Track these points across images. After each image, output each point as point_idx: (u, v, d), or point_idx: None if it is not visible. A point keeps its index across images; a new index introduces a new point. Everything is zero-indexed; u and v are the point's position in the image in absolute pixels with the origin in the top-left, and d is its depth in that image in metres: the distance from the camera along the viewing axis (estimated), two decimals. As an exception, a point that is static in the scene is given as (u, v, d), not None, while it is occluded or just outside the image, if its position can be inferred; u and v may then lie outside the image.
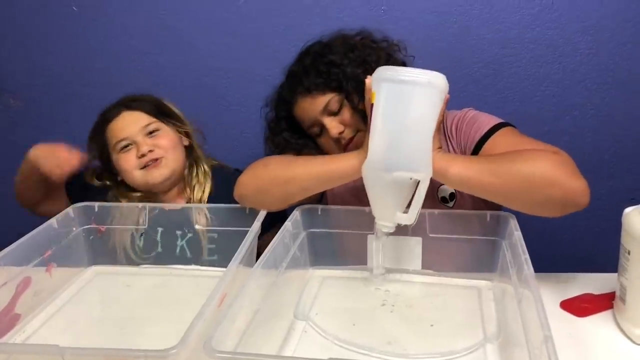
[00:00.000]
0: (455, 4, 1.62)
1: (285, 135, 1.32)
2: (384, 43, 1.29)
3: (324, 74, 1.23)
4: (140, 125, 1.36)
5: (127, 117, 1.37)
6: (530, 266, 0.88)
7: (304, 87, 1.25)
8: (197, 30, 1.73)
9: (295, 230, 1.14)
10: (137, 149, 1.35)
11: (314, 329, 1.00)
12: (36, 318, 1.07)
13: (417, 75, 0.96)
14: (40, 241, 1.12)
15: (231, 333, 0.80)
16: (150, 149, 1.35)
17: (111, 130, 1.37)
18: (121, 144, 1.35)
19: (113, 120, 1.37)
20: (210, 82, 1.76)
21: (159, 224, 1.29)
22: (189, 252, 1.29)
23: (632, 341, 0.93)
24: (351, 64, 1.22)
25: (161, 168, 1.36)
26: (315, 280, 1.17)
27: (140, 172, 1.35)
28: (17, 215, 1.76)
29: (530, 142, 1.10)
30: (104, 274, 1.25)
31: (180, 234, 1.30)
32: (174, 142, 1.40)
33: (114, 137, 1.36)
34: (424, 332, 0.98)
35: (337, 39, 1.29)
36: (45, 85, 1.84)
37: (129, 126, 1.36)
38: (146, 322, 1.06)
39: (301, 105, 1.26)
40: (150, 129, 1.37)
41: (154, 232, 1.30)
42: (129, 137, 1.35)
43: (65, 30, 1.77)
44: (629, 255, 0.92)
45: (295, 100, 1.27)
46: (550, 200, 0.99)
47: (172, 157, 1.38)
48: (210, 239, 1.29)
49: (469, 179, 1.01)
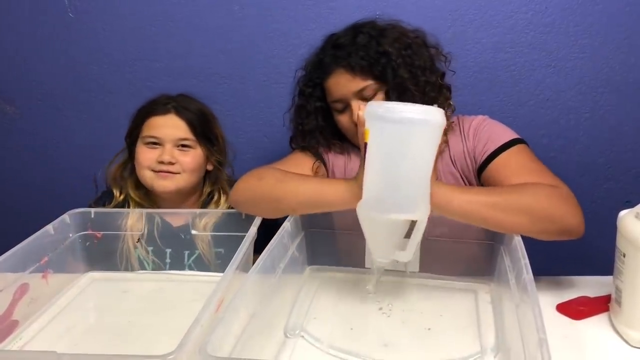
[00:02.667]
0: (449, 9, 1.63)
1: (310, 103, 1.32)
2: (433, 49, 1.29)
3: (373, 60, 1.22)
4: (177, 135, 1.36)
5: (170, 120, 1.37)
6: (529, 271, 0.88)
7: (348, 63, 1.23)
8: (192, 36, 1.73)
9: (294, 230, 1.14)
10: (161, 152, 1.35)
11: (310, 333, 0.99)
12: (33, 324, 1.07)
13: (412, 113, 0.91)
14: (37, 248, 1.12)
15: (227, 338, 0.80)
16: (172, 162, 1.35)
17: (150, 122, 1.37)
18: (150, 139, 1.36)
19: (157, 115, 1.37)
20: (205, 88, 1.76)
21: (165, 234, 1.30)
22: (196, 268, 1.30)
23: (628, 343, 0.93)
24: (403, 63, 1.22)
25: (169, 181, 1.36)
26: (313, 282, 1.18)
27: (151, 173, 1.36)
28: (13, 222, 1.76)
29: (536, 170, 1.15)
30: (100, 280, 1.25)
31: (188, 253, 1.30)
32: (197, 165, 1.40)
33: (148, 130, 1.37)
34: (421, 336, 0.98)
35: (394, 29, 1.28)
36: (42, 92, 1.84)
37: (166, 129, 1.36)
38: (143, 328, 1.06)
39: (337, 78, 1.25)
40: (184, 143, 1.37)
41: (163, 254, 1.30)
42: (161, 138, 1.36)
43: (61, 36, 1.77)
44: (624, 258, 0.92)
45: (333, 71, 1.26)
46: (547, 232, 1.04)
47: (186, 177, 1.38)
48: (217, 254, 1.30)
49: (471, 213, 1.01)
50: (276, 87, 1.74)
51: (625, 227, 0.92)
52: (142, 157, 1.36)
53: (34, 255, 1.11)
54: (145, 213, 1.29)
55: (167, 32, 1.74)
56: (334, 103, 1.28)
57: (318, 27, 1.67)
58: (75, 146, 1.86)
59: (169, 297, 1.18)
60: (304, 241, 1.18)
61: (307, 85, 1.32)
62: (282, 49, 1.71)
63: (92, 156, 1.47)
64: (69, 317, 1.10)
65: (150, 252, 1.30)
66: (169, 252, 1.30)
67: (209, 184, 1.46)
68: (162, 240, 1.29)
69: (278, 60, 1.73)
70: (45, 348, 0.98)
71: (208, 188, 1.46)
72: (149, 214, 1.30)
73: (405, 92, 1.22)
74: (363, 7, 1.65)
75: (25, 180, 1.93)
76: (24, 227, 1.15)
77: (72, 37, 1.77)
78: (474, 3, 1.63)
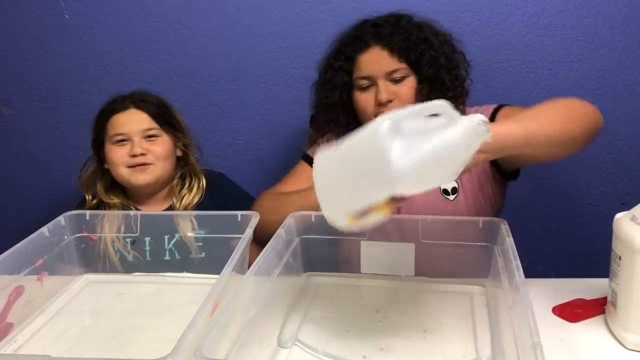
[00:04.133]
0: (446, 11, 1.63)
1: (338, 77, 1.31)
2: (460, 55, 1.32)
3: (414, 44, 1.24)
4: (142, 127, 1.39)
5: (132, 114, 1.40)
6: (521, 273, 0.88)
7: (388, 42, 1.24)
8: (189, 38, 1.74)
9: (288, 237, 1.14)
10: (131, 147, 1.38)
11: (306, 337, 0.99)
12: (28, 327, 1.06)
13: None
14: (32, 250, 1.11)
15: (223, 341, 0.80)
16: (143, 152, 1.38)
17: (113, 121, 1.40)
18: (118, 137, 1.39)
19: (118, 113, 1.40)
20: (202, 90, 1.77)
21: (148, 231, 1.29)
22: (177, 253, 1.30)
23: (624, 346, 0.93)
24: (442, 54, 1.26)
25: (147, 174, 1.40)
26: (309, 287, 1.17)
27: (127, 170, 1.39)
28: (7, 224, 1.76)
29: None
30: (96, 283, 1.25)
31: (168, 237, 1.31)
32: (168, 152, 1.43)
33: (113, 129, 1.39)
34: (417, 339, 0.98)
35: (430, 26, 1.31)
36: (38, 93, 1.84)
37: (130, 124, 1.39)
38: (139, 331, 1.05)
39: (373, 55, 1.26)
40: (150, 133, 1.40)
41: (142, 243, 1.30)
42: (127, 133, 1.39)
43: (57, 38, 1.77)
44: (620, 260, 0.92)
45: (370, 46, 1.26)
46: (594, 129, 1.04)
47: (160, 165, 1.41)
48: (197, 237, 1.29)
49: (537, 134, 0.93)
50: (273, 89, 1.74)
51: (620, 229, 0.92)
52: (114, 156, 1.39)
53: (29, 258, 1.10)
54: (124, 215, 1.29)
55: (163, 34, 1.74)
56: (360, 79, 1.28)
57: (314, 29, 1.68)
58: (71, 148, 1.86)
59: (165, 300, 1.18)
60: (298, 248, 1.18)
61: (337, 59, 1.32)
62: (279, 50, 1.72)
63: (87, 158, 1.47)
64: (65, 320, 1.10)
65: (128, 244, 1.30)
66: (148, 240, 1.30)
67: (179, 168, 1.49)
68: (142, 230, 1.29)
69: (274, 62, 1.73)
70: (40, 351, 0.98)
71: (179, 172, 1.49)
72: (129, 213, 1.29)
73: (436, 82, 1.24)
74: (359, 9, 1.65)
75: (21, 182, 1.93)
76: (19, 229, 1.15)
77: (67, 39, 1.78)
78: (470, 5, 1.63)
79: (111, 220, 1.28)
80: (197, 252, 1.30)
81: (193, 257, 1.29)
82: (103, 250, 1.29)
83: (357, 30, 1.31)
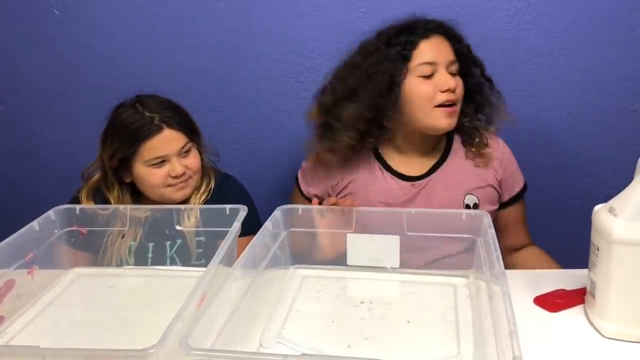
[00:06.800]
0: (432, 6, 1.63)
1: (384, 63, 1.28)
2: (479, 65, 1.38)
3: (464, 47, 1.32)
4: (179, 146, 1.37)
5: (167, 136, 1.35)
6: (501, 263, 0.90)
7: (452, 35, 1.29)
8: (178, 33, 1.74)
9: (275, 230, 1.16)
10: (170, 167, 1.36)
11: (292, 328, 1.01)
12: (19, 320, 1.08)
13: None
14: (22, 244, 1.12)
15: (209, 332, 0.82)
16: (184, 171, 1.37)
17: (149, 145, 1.34)
18: (156, 160, 1.35)
19: (153, 137, 1.34)
20: (192, 84, 1.77)
21: (149, 228, 1.30)
22: (178, 261, 1.32)
23: (601, 334, 0.95)
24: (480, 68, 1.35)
25: (186, 188, 1.39)
26: (296, 279, 1.19)
27: (168, 189, 1.37)
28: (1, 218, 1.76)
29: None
30: (86, 276, 1.26)
31: (170, 244, 1.32)
32: (199, 162, 1.42)
33: (150, 153, 1.34)
34: (401, 330, 1.00)
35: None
36: (29, 89, 1.84)
37: (168, 146, 1.35)
38: (129, 323, 1.07)
39: (436, 42, 1.29)
40: (185, 149, 1.38)
41: (145, 250, 1.32)
42: (166, 155, 1.36)
43: (48, 34, 1.78)
44: (598, 251, 0.95)
45: (432, 35, 1.29)
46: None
47: (197, 177, 1.41)
48: (198, 243, 1.32)
49: None
50: (263, 83, 1.75)
51: (598, 221, 0.95)
52: (154, 179, 1.36)
53: (19, 252, 1.11)
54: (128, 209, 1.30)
55: (154, 29, 1.75)
56: (423, 65, 1.27)
57: (303, 24, 1.69)
58: (62, 143, 1.87)
59: (154, 292, 1.20)
60: (286, 241, 1.20)
61: (391, 44, 1.29)
62: (267, 45, 1.73)
63: (79, 153, 1.47)
64: (55, 313, 1.11)
65: (132, 247, 1.32)
66: (152, 246, 1.32)
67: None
68: (147, 234, 1.31)
69: (263, 57, 1.74)
70: (31, 343, 0.99)
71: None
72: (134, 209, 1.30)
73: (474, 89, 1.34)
74: (347, 4, 1.66)
75: (12, 177, 1.94)
76: (9, 223, 1.16)
77: (58, 35, 1.78)
78: (456, 0, 1.64)
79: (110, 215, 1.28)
80: (197, 258, 1.31)
81: (194, 263, 1.30)
82: (105, 245, 1.30)
83: (410, 23, 1.32)
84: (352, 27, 1.65)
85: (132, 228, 1.30)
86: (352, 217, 1.16)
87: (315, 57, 1.71)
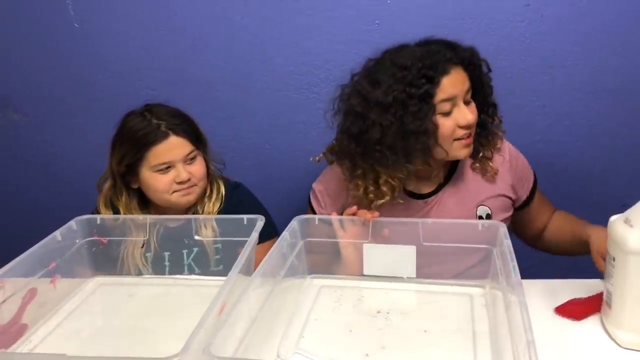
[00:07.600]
0: (446, 17, 1.66)
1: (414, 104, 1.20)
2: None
3: (477, 69, 1.27)
4: (184, 152, 1.39)
5: (173, 142, 1.38)
6: (517, 273, 0.91)
7: (461, 62, 1.22)
8: (195, 45, 1.77)
9: (292, 240, 1.17)
10: (175, 173, 1.38)
11: (310, 337, 1.03)
12: (42, 328, 1.10)
13: None
14: (45, 253, 1.15)
15: (230, 339, 0.83)
16: (189, 177, 1.39)
17: (155, 151, 1.37)
18: (162, 166, 1.38)
19: (159, 143, 1.37)
20: (208, 95, 1.80)
21: (164, 238, 1.33)
22: (196, 268, 1.34)
23: (618, 344, 0.96)
24: (490, 88, 1.32)
25: (191, 195, 1.41)
26: (313, 289, 1.21)
27: (173, 195, 1.39)
28: (21, 228, 1.79)
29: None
30: (107, 285, 1.28)
31: (187, 252, 1.34)
32: (205, 169, 1.44)
33: (156, 159, 1.37)
34: (418, 339, 1.01)
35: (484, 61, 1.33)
36: (49, 100, 1.88)
37: (173, 152, 1.38)
38: (149, 331, 1.09)
39: (455, 75, 1.21)
40: (191, 156, 1.40)
41: (162, 258, 1.34)
42: (171, 161, 1.38)
43: (67, 46, 1.81)
44: (614, 261, 0.95)
45: (451, 68, 1.21)
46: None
47: (202, 184, 1.43)
48: (216, 250, 1.34)
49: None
50: (277, 95, 1.77)
51: (614, 231, 0.95)
52: (159, 184, 1.38)
53: (42, 261, 1.14)
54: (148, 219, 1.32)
55: (170, 41, 1.77)
56: (444, 103, 1.21)
57: (318, 36, 1.71)
58: (82, 153, 1.90)
59: (173, 301, 1.22)
60: (303, 250, 1.21)
61: (416, 85, 1.19)
62: (282, 57, 1.75)
63: (98, 163, 1.50)
64: (77, 321, 1.13)
65: (149, 257, 1.34)
66: (168, 255, 1.34)
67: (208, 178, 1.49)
68: (161, 244, 1.33)
69: (279, 68, 1.76)
70: (54, 351, 1.02)
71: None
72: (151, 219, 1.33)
73: (486, 109, 1.32)
74: (361, 16, 1.68)
75: (33, 187, 1.97)
76: (32, 233, 1.18)
77: (78, 47, 1.81)
78: (471, 12, 1.65)
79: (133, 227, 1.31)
80: (215, 264, 1.33)
81: (212, 270, 1.32)
82: (122, 255, 1.33)
83: (431, 51, 1.23)
84: (367, 39, 1.67)
85: (151, 237, 1.32)
86: (369, 228, 1.18)
87: (330, 69, 1.73)
